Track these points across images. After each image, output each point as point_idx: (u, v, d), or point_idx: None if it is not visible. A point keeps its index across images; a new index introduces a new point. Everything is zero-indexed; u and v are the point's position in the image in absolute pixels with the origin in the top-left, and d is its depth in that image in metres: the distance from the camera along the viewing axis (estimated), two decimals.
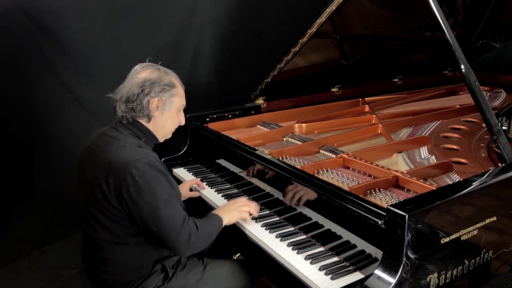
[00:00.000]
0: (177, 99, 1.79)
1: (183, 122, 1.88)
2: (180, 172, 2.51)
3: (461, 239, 1.47)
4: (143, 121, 1.76)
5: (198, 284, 1.80)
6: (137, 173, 1.56)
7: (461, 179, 1.81)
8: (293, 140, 2.47)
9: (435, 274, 1.42)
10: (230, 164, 2.33)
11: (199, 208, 2.22)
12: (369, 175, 1.95)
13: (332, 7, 2.31)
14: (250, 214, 1.88)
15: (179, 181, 2.35)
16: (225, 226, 1.81)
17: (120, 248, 1.69)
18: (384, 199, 1.70)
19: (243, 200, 1.93)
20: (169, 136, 1.87)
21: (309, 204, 1.78)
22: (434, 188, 1.61)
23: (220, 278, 1.85)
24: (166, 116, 1.78)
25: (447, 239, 1.42)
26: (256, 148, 2.17)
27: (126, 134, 1.73)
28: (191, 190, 2.26)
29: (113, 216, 1.64)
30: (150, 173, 1.59)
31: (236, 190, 2.23)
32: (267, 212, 1.99)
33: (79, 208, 1.81)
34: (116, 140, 1.69)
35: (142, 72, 1.75)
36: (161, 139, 1.83)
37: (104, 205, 1.63)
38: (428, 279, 1.40)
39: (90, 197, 1.68)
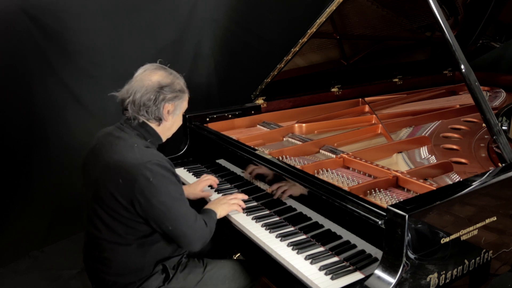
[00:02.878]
0: (185, 103, 1.84)
1: (181, 123, 1.92)
2: (180, 172, 2.51)
3: (461, 239, 1.47)
4: (153, 124, 1.77)
5: (198, 285, 1.80)
6: (150, 175, 1.58)
7: (461, 179, 1.81)
8: (293, 140, 2.47)
9: (435, 274, 1.42)
10: (230, 164, 2.33)
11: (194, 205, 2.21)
12: (369, 175, 1.95)
13: (332, 7, 2.31)
14: (243, 208, 1.97)
15: None
16: (226, 226, 1.85)
17: (123, 249, 1.69)
18: (384, 199, 1.70)
19: (231, 195, 2.00)
20: (170, 136, 1.89)
21: (309, 204, 1.78)
22: (434, 188, 1.61)
23: (220, 279, 1.85)
24: (175, 119, 1.82)
25: (447, 239, 1.42)
26: (256, 148, 2.17)
27: (132, 134, 1.73)
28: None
29: (118, 216, 1.64)
30: (162, 173, 1.61)
31: (236, 190, 2.23)
32: (267, 212, 1.99)
33: (79, 207, 1.81)
34: (123, 141, 1.69)
35: (154, 75, 1.73)
36: (164, 139, 1.86)
37: (110, 205, 1.63)
38: (428, 279, 1.40)
39: (96, 196, 1.68)
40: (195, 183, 2.19)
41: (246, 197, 2.01)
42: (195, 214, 1.71)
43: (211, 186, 2.23)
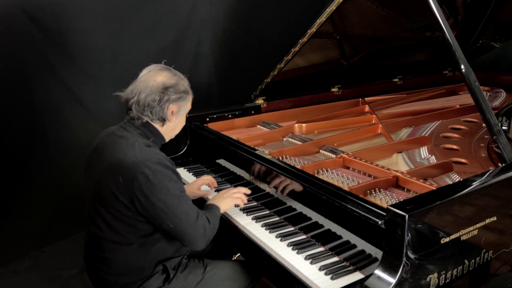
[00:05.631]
0: (189, 104, 1.84)
1: (184, 123, 1.91)
2: (180, 172, 2.50)
3: (461, 239, 1.47)
4: (157, 125, 1.77)
5: (198, 286, 1.80)
6: (149, 172, 1.59)
7: (461, 179, 1.81)
8: (293, 140, 2.48)
9: (435, 274, 1.42)
10: (230, 164, 2.33)
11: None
12: (369, 175, 1.95)
13: (332, 7, 2.31)
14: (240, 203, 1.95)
15: None
16: (226, 226, 1.84)
17: (124, 249, 1.69)
18: (384, 199, 1.70)
19: (234, 189, 1.98)
20: (173, 136, 1.90)
21: (309, 204, 1.78)
22: (434, 188, 1.61)
23: (220, 279, 1.85)
24: (179, 120, 1.82)
25: (447, 239, 1.42)
26: (256, 148, 2.17)
27: (135, 133, 1.74)
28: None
29: (120, 215, 1.64)
30: (161, 171, 1.61)
31: None
32: (267, 212, 1.99)
33: (79, 207, 1.81)
34: (125, 140, 1.70)
35: (159, 76, 1.74)
36: (167, 139, 1.86)
37: (112, 204, 1.64)
38: (428, 279, 1.40)
39: (97, 195, 1.68)
40: (193, 182, 2.19)
41: (249, 191, 1.99)
42: (197, 212, 1.69)
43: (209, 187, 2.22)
